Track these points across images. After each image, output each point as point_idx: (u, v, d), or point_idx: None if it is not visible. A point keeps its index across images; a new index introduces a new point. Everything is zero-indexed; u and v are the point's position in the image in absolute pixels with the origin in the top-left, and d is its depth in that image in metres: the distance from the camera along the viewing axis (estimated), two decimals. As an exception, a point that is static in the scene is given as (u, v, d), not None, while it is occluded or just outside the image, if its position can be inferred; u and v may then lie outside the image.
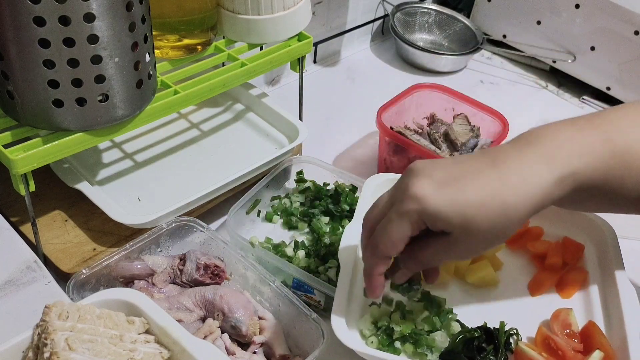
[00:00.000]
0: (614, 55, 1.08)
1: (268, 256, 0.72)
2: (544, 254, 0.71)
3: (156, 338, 0.54)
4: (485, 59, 1.24)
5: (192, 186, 0.77)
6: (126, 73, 0.63)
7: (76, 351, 0.47)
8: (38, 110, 0.62)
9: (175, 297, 0.66)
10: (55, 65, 0.59)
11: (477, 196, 0.49)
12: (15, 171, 0.62)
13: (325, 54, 1.17)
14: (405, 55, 1.19)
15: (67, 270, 0.70)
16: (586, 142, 0.52)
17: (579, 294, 0.69)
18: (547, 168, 0.50)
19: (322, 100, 1.08)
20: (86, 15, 0.57)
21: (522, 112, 1.09)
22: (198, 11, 0.75)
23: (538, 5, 1.15)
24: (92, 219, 0.75)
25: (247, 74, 0.78)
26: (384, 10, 1.23)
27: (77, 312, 0.51)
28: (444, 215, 0.50)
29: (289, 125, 0.87)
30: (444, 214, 0.49)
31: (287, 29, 0.81)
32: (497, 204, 0.49)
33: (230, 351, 0.63)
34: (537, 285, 0.69)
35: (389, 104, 0.91)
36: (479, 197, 0.49)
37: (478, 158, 0.52)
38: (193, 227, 0.73)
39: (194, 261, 0.69)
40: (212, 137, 0.88)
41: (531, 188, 0.50)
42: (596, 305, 0.67)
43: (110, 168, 0.81)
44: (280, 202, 0.82)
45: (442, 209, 0.49)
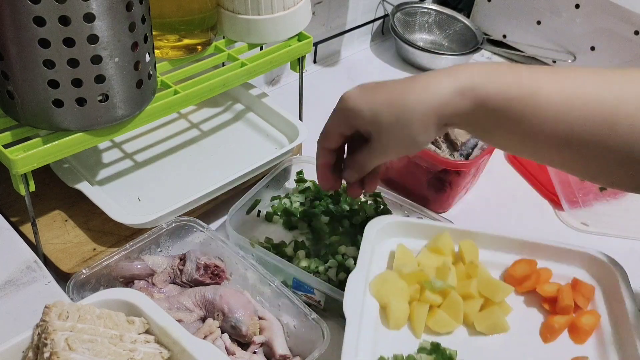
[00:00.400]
0: (614, 55, 1.08)
1: (268, 256, 0.72)
2: (554, 298, 0.67)
3: (156, 338, 0.54)
4: (485, 59, 1.24)
5: (192, 186, 0.77)
6: (126, 73, 0.63)
7: (76, 351, 0.47)
8: (38, 110, 0.62)
9: (175, 297, 0.66)
10: (55, 65, 0.59)
11: (385, 97, 0.59)
12: (15, 171, 0.62)
13: (325, 54, 1.17)
14: (405, 55, 1.19)
15: (67, 270, 0.70)
16: (495, 68, 0.58)
17: (593, 339, 0.66)
18: (449, 79, 0.58)
19: (322, 100, 1.07)
20: (86, 15, 0.57)
21: (522, 112, 1.09)
22: (198, 11, 0.75)
23: (538, 5, 1.15)
24: (92, 219, 0.75)
25: (247, 74, 0.78)
26: (384, 10, 1.23)
27: (77, 312, 0.51)
28: (358, 110, 0.60)
29: (289, 125, 0.87)
30: (359, 109, 0.60)
31: (287, 29, 0.81)
32: (400, 102, 0.58)
33: (230, 351, 0.63)
34: (549, 331, 0.66)
35: (389, 104, 0.91)
36: (387, 98, 0.59)
37: (405, 78, 0.61)
38: (193, 227, 0.73)
39: (194, 261, 0.69)
40: (212, 137, 0.88)
41: (431, 93, 0.58)
42: (611, 351, 0.64)
43: (110, 168, 0.81)
44: (280, 202, 0.82)
45: (357, 106, 0.60)
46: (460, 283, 0.67)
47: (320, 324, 0.64)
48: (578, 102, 0.56)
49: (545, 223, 0.89)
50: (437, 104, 0.57)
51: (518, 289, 0.69)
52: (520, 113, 0.57)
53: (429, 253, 0.69)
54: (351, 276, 0.64)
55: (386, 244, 0.70)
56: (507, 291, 0.66)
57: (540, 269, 0.69)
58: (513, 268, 0.69)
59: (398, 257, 0.68)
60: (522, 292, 0.69)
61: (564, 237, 0.88)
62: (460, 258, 0.69)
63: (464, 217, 0.87)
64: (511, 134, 0.59)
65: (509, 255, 0.70)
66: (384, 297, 0.64)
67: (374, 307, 0.65)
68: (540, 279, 0.68)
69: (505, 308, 0.67)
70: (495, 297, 0.65)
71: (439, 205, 0.87)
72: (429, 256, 0.69)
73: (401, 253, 0.68)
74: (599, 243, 0.87)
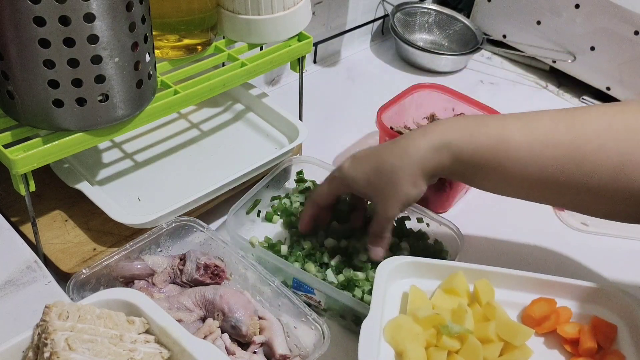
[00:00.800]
0: (614, 55, 1.08)
1: (268, 256, 0.72)
2: (575, 339, 0.65)
3: (156, 338, 0.54)
4: (485, 59, 1.24)
5: (192, 186, 0.77)
6: (126, 73, 0.63)
7: (76, 351, 0.47)
8: (38, 110, 0.62)
9: (175, 297, 0.66)
10: (55, 65, 0.59)
11: (374, 165, 0.67)
12: (15, 171, 0.62)
13: (325, 54, 1.17)
14: (405, 55, 1.19)
15: (67, 270, 0.70)
16: (465, 123, 0.65)
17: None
18: (425, 139, 0.65)
19: (322, 100, 1.08)
20: (86, 15, 0.57)
21: (522, 112, 1.09)
22: (198, 11, 0.75)
23: (538, 5, 1.15)
24: (92, 219, 0.75)
25: (247, 74, 0.78)
26: (384, 10, 1.23)
27: (77, 312, 0.51)
28: (354, 178, 0.68)
29: (289, 125, 0.87)
30: (355, 178, 0.68)
31: (287, 29, 0.81)
32: (387, 167, 0.66)
33: (230, 351, 0.63)
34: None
35: (389, 104, 0.91)
36: (375, 165, 0.67)
37: (389, 143, 0.68)
38: (193, 227, 0.73)
39: (194, 261, 0.69)
40: (212, 137, 0.88)
41: (411, 154, 0.65)
42: None
43: (110, 168, 0.81)
44: (280, 202, 0.82)
45: (352, 175, 0.69)
46: (478, 326, 0.63)
47: (320, 324, 0.64)
48: (544, 145, 0.62)
49: (545, 223, 0.89)
50: (418, 162, 0.65)
51: (537, 330, 0.66)
52: (492, 162, 0.64)
53: (443, 294, 0.66)
54: (365, 322, 0.60)
55: (398, 285, 0.67)
56: (527, 334, 0.62)
57: (559, 308, 0.66)
58: (531, 308, 0.65)
59: (412, 299, 0.65)
60: (542, 334, 0.66)
61: (564, 237, 0.88)
62: (476, 299, 0.66)
63: (464, 217, 0.87)
64: (489, 180, 0.66)
65: (526, 294, 0.67)
66: (400, 343, 0.60)
67: (389, 354, 0.60)
68: (560, 319, 0.65)
69: (526, 351, 0.63)
70: (516, 340, 0.62)
71: (439, 205, 0.87)
72: (443, 298, 0.66)
73: (415, 295, 0.65)
74: (599, 243, 0.87)
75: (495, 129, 0.64)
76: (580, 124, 0.62)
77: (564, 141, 0.62)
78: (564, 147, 0.62)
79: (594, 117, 0.63)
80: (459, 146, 0.64)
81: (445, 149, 0.64)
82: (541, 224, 0.89)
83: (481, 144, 0.63)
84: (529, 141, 0.62)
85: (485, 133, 0.64)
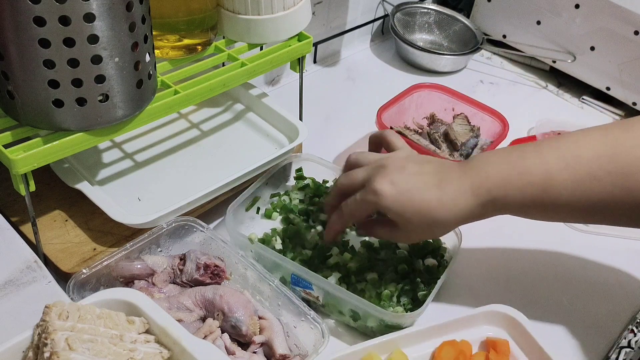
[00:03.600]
0: (614, 55, 1.08)
1: (266, 252, 0.72)
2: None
3: (156, 338, 0.54)
4: (485, 59, 1.24)
5: (192, 186, 0.77)
6: (126, 73, 0.63)
7: (76, 351, 0.47)
8: (38, 110, 0.62)
9: (175, 297, 0.66)
10: (55, 65, 0.59)
11: (418, 207, 0.65)
12: (15, 171, 0.62)
13: (325, 54, 1.17)
14: (405, 55, 1.19)
15: (67, 270, 0.70)
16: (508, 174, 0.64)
17: None
18: (473, 197, 0.65)
19: (322, 100, 1.08)
20: (86, 15, 0.57)
21: (522, 112, 1.09)
22: (198, 11, 0.75)
23: (538, 5, 1.15)
24: (92, 219, 0.75)
25: (247, 74, 0.78)
26: (384, 10, 1.23)
27: (77, 312, 0.51)
28: (393, 212, 0.65)
29: (289, 125, 0.87)
30: (394, 212, 0.65)
31: (287, 29, 0.81)
32: (431, 216, 0.65)
33: (230, 351, 0.63)
34: None
35: (389, 104, 0.91)
36: (419, 208, 0.65)
37: (432, 175, 0.66)
38: (193, 227, 0.73)
39: (194, 261, 0.69)
40: (212, 137, 0.88)
41: (458, 210, 0.65)
42: None
43: (110, 168, 0.81)
44: (279, 199, 0.83)
45: (393, 208, 0.65)
46: None
47: (320, 323, 0.64)
48: (590, 183, 0.62)
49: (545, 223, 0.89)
50: (461, 217, 0.66)
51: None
52: (539, 207, 0.65)
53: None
54: None
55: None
56: None
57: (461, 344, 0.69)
58: (439, 355, 0.68)
59: None
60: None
61: (565, 237, 0.88)
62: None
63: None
64: (534, 216, 0.67)
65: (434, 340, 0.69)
66: None
67: None
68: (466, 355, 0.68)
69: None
70: None
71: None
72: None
73: None
74: (599, 243, 0.87)
75: (539, 174, 0.63)
76: (624, 153, 0.62)
77: (611, 172, 0.62)
78: (611, 179, 0.62)
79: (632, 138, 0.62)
80: (505, 202, 0.65)
81: (491, 205, 0.65)
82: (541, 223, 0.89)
83: (526, 195, 0.64)
84: (574, 180, 0.63)
85: (530, 182, 0.64)
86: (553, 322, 0.77)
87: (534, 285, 0.81)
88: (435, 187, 0.65)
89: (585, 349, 0.74)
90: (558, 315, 0.77)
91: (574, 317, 0.78)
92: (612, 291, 0.82)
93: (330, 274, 0.73)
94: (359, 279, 0.73)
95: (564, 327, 0.76)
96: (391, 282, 0.73)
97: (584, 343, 0.75)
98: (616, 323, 0.77)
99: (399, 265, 0.75)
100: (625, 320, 0.77)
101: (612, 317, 0.78)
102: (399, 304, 0.71)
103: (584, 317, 0.78)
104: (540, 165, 0.64)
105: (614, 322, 0.77)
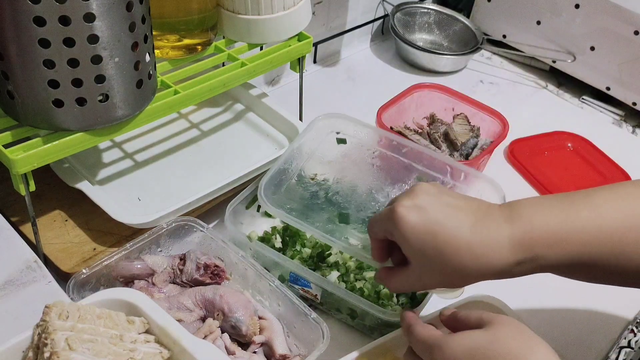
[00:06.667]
0: (614, 55, 1.08)
1: (265, 250, 0.72)
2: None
3: (156, 338, 0.54)
4: (485, 59, 1.24)
5: (192, 186, 0.77)
6: (126, 73, 0.63)
7: (76, 351, 0.47)
8: (38, 110, 0.62)
9: (175, 297, 0.66)
10: (55, 65, 0.59)
11: (442, 247, 0.54)
12: (15, 171, 0.62)
13: (325, 54, 1.17)
14: (405, 55, 1.19)
15: (67, 270, 0.70)
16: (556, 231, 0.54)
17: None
18: (510, 251, 0.54)
19: (322, 100, 1.08)
20: (86, 15, 0.57)
21: (522, 112, 1.09)
22: (198, 11, 0.75)
23: (538, 5, 1.15)
24: (92, 219, 0.75)
25: (247, 74, 0.78)
26: (384, 10, 1.23)
27: (77, 312, 0.51)
28: (409, 245, 0.55)
29: (289, 125, 0.87)
30: (410, 245, 0.55)
31: (287, 29, 0.81)
32: (454, 263, 0.54)
33: (230, 351, 0.63)
34: None
35: (389, 104, 0.91)
36: (442, 249, 0.54)
37: (468, 212, 0.55)
38: (193, 227, 0.73)
39: (194, 261, 0.69)
40: (212, 137, 0.88)
41: (487, 263, 0.54)
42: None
43: (110, 168, 0.81)
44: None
45: (410, 240, 0.55)
46: None
47: (320, 323, 0.64)
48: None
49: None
50: (489, 273, 0.55)
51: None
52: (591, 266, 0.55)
53: None
54: None
55: None
56: None
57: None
58: None
59: None
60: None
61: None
62: None
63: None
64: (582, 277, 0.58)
65: None
66: None
67: None
68: None
69: None
70: None
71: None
72: None
73: None
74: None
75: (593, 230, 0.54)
76: None
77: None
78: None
79: None
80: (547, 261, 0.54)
81: (529, 264, 0.55)
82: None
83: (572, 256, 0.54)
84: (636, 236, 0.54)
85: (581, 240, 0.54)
86: (553, 322, 0.77)
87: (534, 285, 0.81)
88: (468, 228, 0.54)
89: (585, 349, 0.74)
90: (558, 315, 0.77)
91: (574, 316, 0.78)
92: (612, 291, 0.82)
93: (329, 273, 0.73)
94: (357, 277, 0.73)
95: (564, 327, 0.76)
96: None
97: (584, 343, 0.75)
98: (616, 323, 0.77)
99: (398, 265, 0.75)
100: (625, 321, 0.78)
101: (612, 317, 0.78)
102: (397, 303, 0.71)
103: (584, 317, 0.78)
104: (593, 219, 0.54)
105: (614, 322, 0.77)
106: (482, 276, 0.56)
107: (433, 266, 0.55)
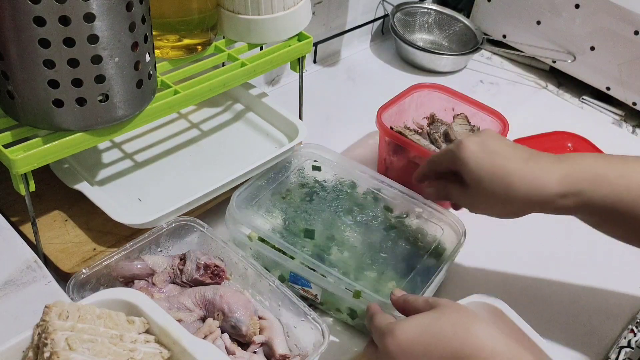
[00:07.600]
0: (614, 55, 1.08)
1: (265, 250, 0.72)
2: None
3: (156, 338, 0.54)
4: (485, 59, 1.24)
5: (192, 186, 0.77)
6: (126, 73, 0.63)
7: (76, 351, 0.47)
8: (38, 110, 0.62)
9: (175, 297, 0.66)
10: (55, 65, 0.59)
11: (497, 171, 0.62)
12: (15, 171, 0.62)
13: (325, 54, 1.17)
14: (405, 55, 1.19)
15: (67, 270, 0.70)
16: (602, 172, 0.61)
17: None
18: (557, 183, 0.61)
19: (322, 100, 1.08)
20: (86, 15, 0.57)
21: (522, 112, 1.09)
22: (198, 11, 0.75)
23: (538, 5, 1.15)
24: (92, 219, 0.75)
25: (247, 74, 0.78)
26: (384, 10, 1.23)
27: (77, 312, 0.51)
28: (469, 168, 0.64)
29: (288, 125, 0.87)
30: (469, 168, 0.64)
31: (287, 29, 0.81)
32: (505, 186, 0.62)
33: (230, 351, 0.63)
34: None
35: (389, 104, 0.91)
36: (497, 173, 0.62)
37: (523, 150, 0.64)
38: (193, 227, 0.73)
39: (194, 261, 0.69)
40: (212, 137, 0.88)
41: (535, 190, 0.61)
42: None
43: (110, 168, 0.81)
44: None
45: (470, 163, 0.64)
46: None
47: (321, 324, 0.64)
48: None
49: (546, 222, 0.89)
50: (535, 200, 0.62)
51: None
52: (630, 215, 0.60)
53: None
54: None
55: None
56: None
57: None
58: None
59: None
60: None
61: (566, 236, 0.87)
62: None
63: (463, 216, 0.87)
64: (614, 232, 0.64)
65: None
66: None
67: None
68: None
69: None
70: None
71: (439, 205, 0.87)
72: None
73: None
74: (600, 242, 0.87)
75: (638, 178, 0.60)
76: None
77: None
78: None
79: None
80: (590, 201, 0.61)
81: (572, 199, 0.61)
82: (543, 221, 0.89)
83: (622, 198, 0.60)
84: None
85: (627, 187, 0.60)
86: (553, 322, 0.77)
87: (534, 284, 0.81)
88: (522, 160, 0.62)
89: (585, 349, 0.74)
90: (558, 315, 0.77)
91: (574, 316, 0.78)
92: (612, 291, 0.82)
93: (329, 272, 0.73)
94: (357, 276, 0.73)
95: (564, 327, 0.76)
96: (390, 280, 0.73)
97: (584, 343, 0.75)
98: (616, 323, 0.77)
99: (398, 264, 0.75)
100: (625, 320, 0.78)
101: (612, 317, 0.78)
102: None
103: (584, 316, 0.78)
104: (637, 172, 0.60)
105: (614, 322, 0.77)
106: (528, 202, 0.62)
107: (488, 189, 0.63)
